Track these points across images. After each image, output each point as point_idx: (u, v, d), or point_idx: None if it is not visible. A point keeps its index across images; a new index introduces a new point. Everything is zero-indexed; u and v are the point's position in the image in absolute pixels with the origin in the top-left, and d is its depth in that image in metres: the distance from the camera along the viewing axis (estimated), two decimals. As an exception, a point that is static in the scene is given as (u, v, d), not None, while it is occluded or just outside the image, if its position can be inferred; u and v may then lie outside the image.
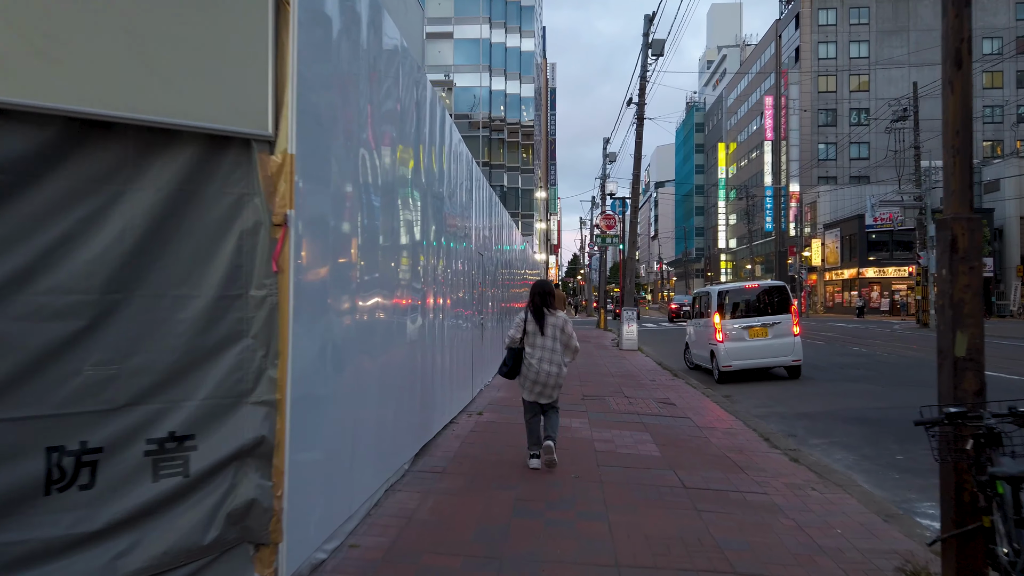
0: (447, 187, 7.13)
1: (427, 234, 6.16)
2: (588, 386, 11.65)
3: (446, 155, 7.01)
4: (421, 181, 5.82)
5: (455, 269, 7.93)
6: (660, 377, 13.33)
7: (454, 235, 7.67)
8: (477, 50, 55.76)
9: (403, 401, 5.37)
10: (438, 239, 6.76)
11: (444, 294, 7.08)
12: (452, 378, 7.61)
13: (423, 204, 5.89)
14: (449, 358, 7.39)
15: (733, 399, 10.95)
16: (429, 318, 6.29)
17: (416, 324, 5.70)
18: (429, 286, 6.29)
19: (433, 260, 6.56)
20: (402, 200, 5.17)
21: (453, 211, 7.54)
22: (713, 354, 14.24)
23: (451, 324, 7.63)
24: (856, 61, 68.13)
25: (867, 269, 55.18)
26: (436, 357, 6.69)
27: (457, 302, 8.10)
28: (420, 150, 5.74)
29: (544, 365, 5.95)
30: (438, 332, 6.75)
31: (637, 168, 21.09)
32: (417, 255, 5.73)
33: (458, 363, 8.06)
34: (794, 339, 14.15)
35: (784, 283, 15.56)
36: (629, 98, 20.93)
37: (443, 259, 7.08)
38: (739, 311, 14.52)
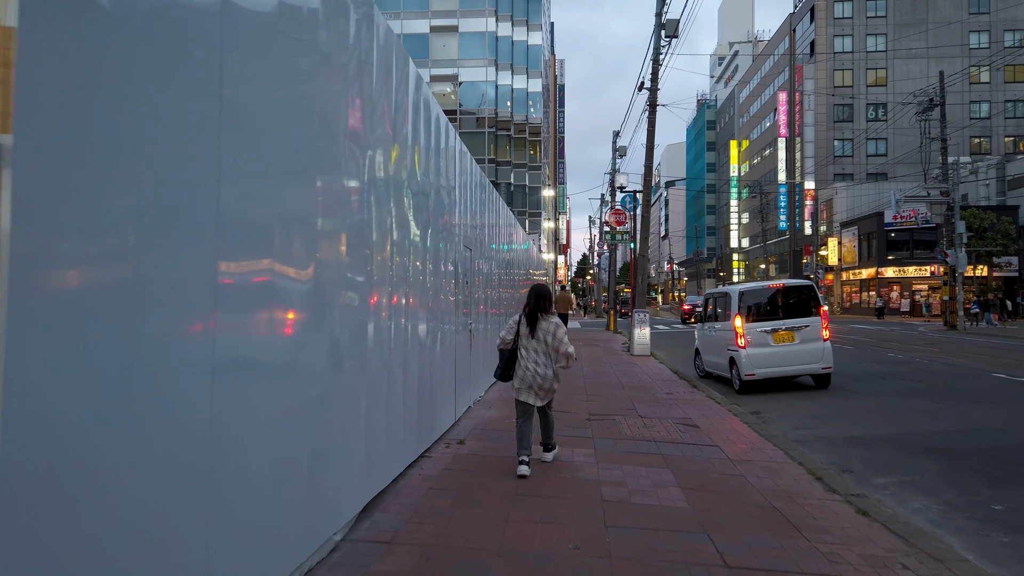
0: (412, 171, 5.59)
1: (382, 224, 4.63)
2: (595, 401, 10.09)
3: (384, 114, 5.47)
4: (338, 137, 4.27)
5: (433, 267, 6.40)
6: (677, 389, 11.75)
7: (428, 227, 6.13)
8: (483, 44, 54.25)
9: (334, 442, 3.84)
10: (402, 231, 5.23)
11: (411, 294, 5.55)
12: (423, 400, 6.08)
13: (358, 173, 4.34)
14: (418, 374, 5.86)
15: (764, 417, 9.38)
16: (381, 325, 4.76)
17: (353, 334, 4.17)
18: (383, 284, 4.77)
19: (400, 256, 5.06)
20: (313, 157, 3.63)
21: (428, 202, 6.01)
22: (733, 361, 12.72)
23: (424, 330, 6.10)
24: (873, 54, 66.24)
25: (886, 269, 53.33)
26: (396, 375, 5.16)
27: (436, 304, 6.56)
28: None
29: (537, 368, 5.97)
30: (398, 342, 5.21)
31: (649, 158, 19.50)
32: (359, 243, 4.21)
33: (434, 379, 6.52)
34: (824, 344, 12.62)
35: (811, 282, 13.94)
36: (641, 82, 19.34)
37: (414, 254, 5.56)
38: (762, 313, 12.94)
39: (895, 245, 53.12)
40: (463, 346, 8.31)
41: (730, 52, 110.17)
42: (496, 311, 11.89)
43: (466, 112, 54.64)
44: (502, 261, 12.92)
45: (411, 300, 5.46)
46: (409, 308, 5.48)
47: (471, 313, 9.00)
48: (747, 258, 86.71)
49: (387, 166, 4.84)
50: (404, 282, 5.30)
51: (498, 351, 6.24)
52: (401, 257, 5.27)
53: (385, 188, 4.78)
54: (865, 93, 66.46)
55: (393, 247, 5.03)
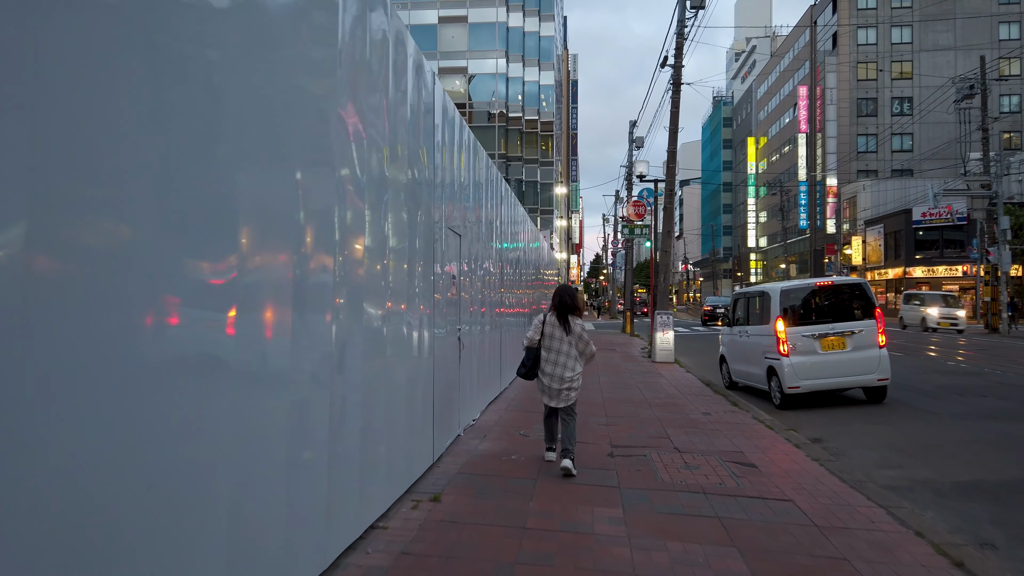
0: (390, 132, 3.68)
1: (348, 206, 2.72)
2: (618, 425, 8.15)
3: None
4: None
5: (404, 254, 4.49)
6: (714, 407, 9.78)
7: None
8: (493, 35, 52.34)
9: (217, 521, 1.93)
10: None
11: (349, 289, 3.64)
12: (372, 446, 4.16)
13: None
14: (364, 405, 3.95)
15: (830, 448, 7.42)
16: (323, 337, 2.85)
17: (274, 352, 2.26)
18: (339, 284, 2.86)
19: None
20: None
21: (407, 173, 4.09)
22: (772, 371, 10.86)
23: (381, 340, 4.20)
24: (898, 47, 63.80)
25: (914, 268, 50.98)
26: (314, 415, 3.25)
27: (404, 304, 4.66)
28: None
29: (558, 370, 5.96)
30: (317, 362, 3.30)
31: (673, 143, 17.52)
32: (299, 230, 2.30)
33: (395, 411, 4.61)
34: (879, 352, 10.76)
35: (863, 280, 11.97)
36: (664, 58, 17.35)
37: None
38: (807, 316, 11.04)
39: (923, 244, 50.87)
40: (448, 359, 6.40)
41: (747, 47, 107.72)
42: (500, 311, 9.97)
43: (476, 106, 52.74)
44: (511, 259, 11.03)
45: (338, 300, 3.52)
46: (341, 311, 3.56)
47: (463, 315, 7.09)
48: (765, 258, 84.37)
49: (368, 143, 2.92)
50: (323, 270, 3.37)
51: (524, 350, 6.20)
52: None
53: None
54: (890, 86, 64.08)
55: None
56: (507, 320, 11.30)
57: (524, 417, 8.60)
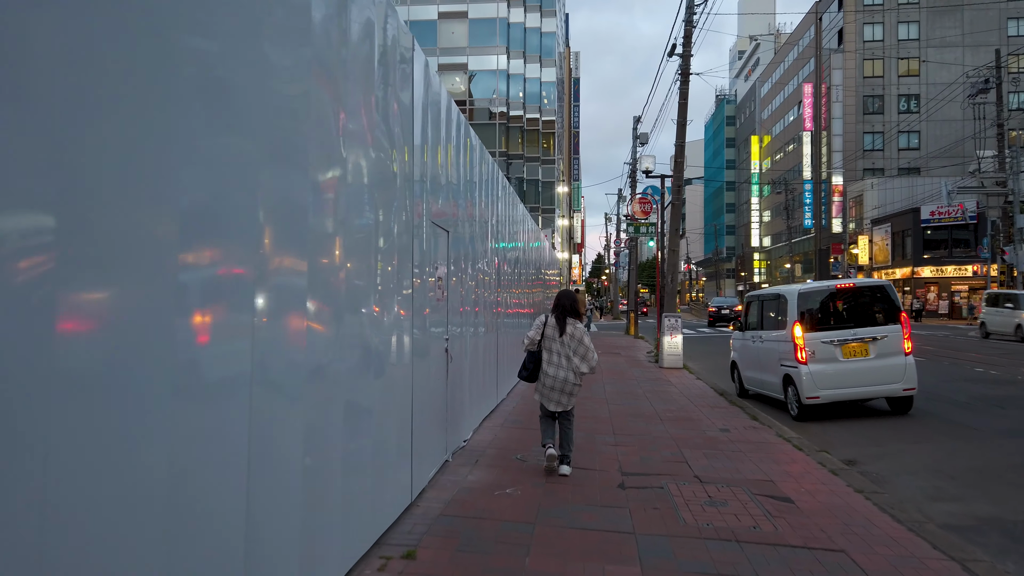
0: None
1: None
2: (628, 445, 7.23)
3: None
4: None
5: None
6: (732, 421, 8.87)
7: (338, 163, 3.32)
8: (494, 31, 51.42)
9: None
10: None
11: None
12: (334, 483, 3.25)
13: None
14: (333, 438, 3.05)
15: (869, 473, 6.51)
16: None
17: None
18: (261, 282, 1.96)
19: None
20: None
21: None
22: (789, 380, 10.01)
23: (345, 352, 3.30)
24: (905, 43, 62.76)
25: (922, 268, 50.00)
26: (260, 454, 2.35)
27: (378, 312, 3.76)
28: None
29: (561, 372, 5.91)
30: (273, 377, 2.40)
31: (681, 136, 16.60)
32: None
33: (361, 442, 3.71)
34: (905, 359, 9.89)
35: (887, 282, 11.09)
36: (672, 46, 16.42)
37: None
38: (826, 320, 10.20)
39: (932, 244, 49.92)
40: (433, 372, 5.49)
41: (751, 46, 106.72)
42: (497, 311, 9.07)
43: (476, 103, 51.82)
44: (508, 258, 10.13)
45: (261, 302, 2.60)
46: (264, 315, 2.65)
47: (452, 321, 6.19)
48: (769, 257, 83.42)
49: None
50: (232, 260, 2.45)
51: (526, 352, 6.16)
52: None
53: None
54: (896, 84, 63.10)
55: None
56: (505, 323, 10.39)
57: (522, 435, 7.69)
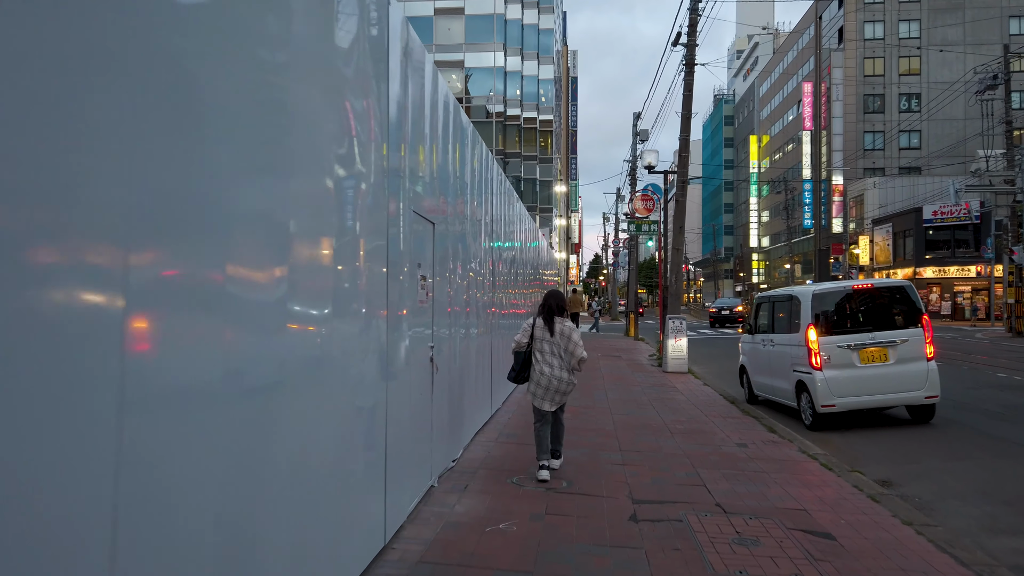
0: None
1: None
2: (637, 465, 6.46)
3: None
4: None
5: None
6: (748, 434, 8.10)
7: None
8: (491, 27, 50.63)
9: None
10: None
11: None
12: (274, 534, 2.48)
13: None
14: (272, 480, 2.28)
15: (911, 498, 5.77)
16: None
17: None
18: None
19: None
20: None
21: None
22: (803, 386, 9.35)
23: (291, 368, 2.53)
24: (906, 41, 62.07)
25: (924, 269, 49.30)
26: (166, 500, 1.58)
27: (338, 319, 3.01)
28: None
29: (555, 371, 5.94)
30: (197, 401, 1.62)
31: (686, 130, 15.84)
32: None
33: (315, 479, 2.94)
34: (927, 365, 9.24)
35: (908, 283, 10.37)
36: (676, 35, 15.65)
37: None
38: (842, 323, 9.52)
39: (934, 244, 49.28)
40: (415, 385, 4.71)
41: (749, 45, 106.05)
42: (494, 310, 8.30)
43: (473, 100, 51.01)
44: (507, 259, 9.36)
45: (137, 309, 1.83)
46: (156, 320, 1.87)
47: (439, 325, 5.42)
48: (768, 258, 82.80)
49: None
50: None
51: (513, 354, 6.20)
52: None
53: None
54: (897, 82, 62.44)
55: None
56: (501, 324, 9.63)
57: (518, 452, 6.92)
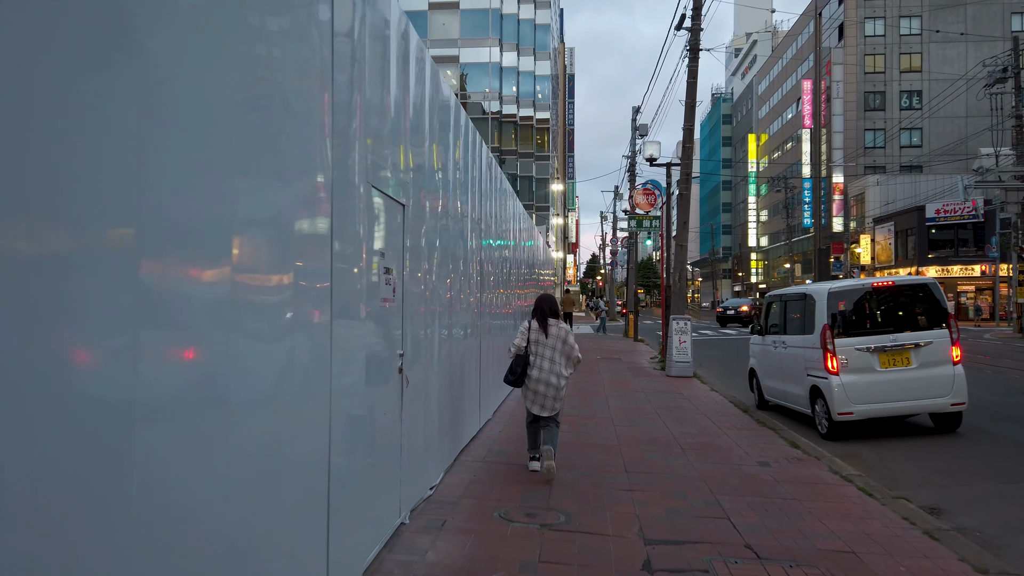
0: None
1: None
2: (647, 490, 5.55)
3: None
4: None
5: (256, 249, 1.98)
6: (769, 450, 7.20)
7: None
8: (486, 22, 49.72)
9: None
10: None
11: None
12: None
13: None
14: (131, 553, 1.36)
15: (967, 529, 4.89)
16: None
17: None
18: None
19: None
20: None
21: None
22: (818, 392, 8.60)
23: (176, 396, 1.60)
24: (907, 38, 61.36)
25: (927, 268, 48.51)
26: None
27: (254, 326, 2.11)
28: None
29: (548, 376, 5.95)
30: None
31: (691, 119, 14.95)
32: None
33: (220, 542, 2.02)
34: (953, 370, 8.47)
35: (932, 280, 9.55)
36: (681, 17, 14.73)
37: None
38: (860, 324, 8.71)
39: (936, 243, 48.60)
40: (377, 404, 3.80)
41: (747, 43, 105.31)
42: (482, 309, 7.38)
43: (469, 96, 50.09)
44: (496, 257, 8.45)
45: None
46: None
47: (411, 330, 4.50)
48: (766, 257, 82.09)
49: None
50: None
51: (512, 357, 6.14)
52: None
53: None
54: (898, 79, 61.71)
55: None
56: (493, 326, 8.73)
57: (509, 473, 6.00)
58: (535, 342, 6.00)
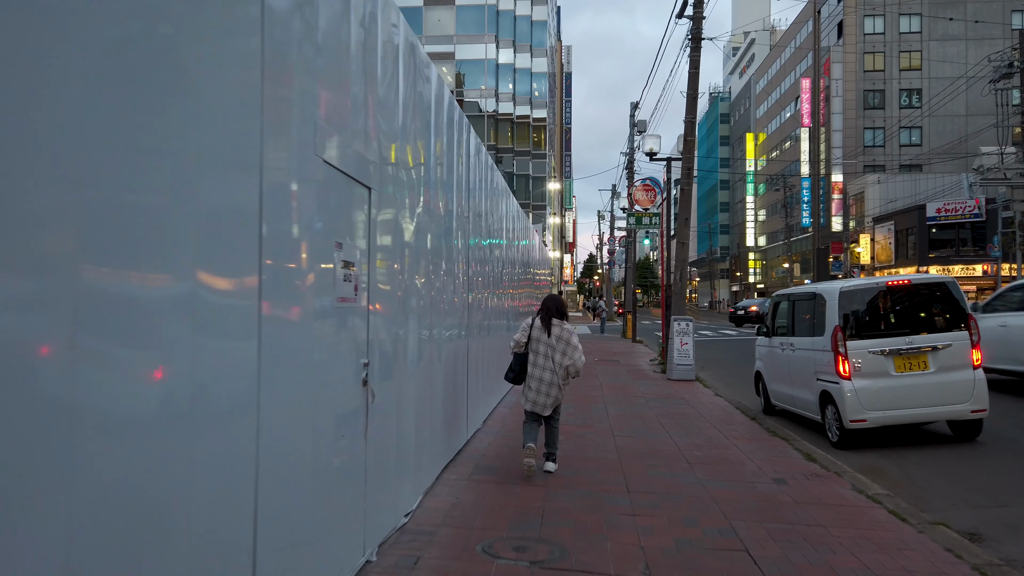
0: None
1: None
2: (652, 515, 4.91)
3: None
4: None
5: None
6: (784, 464, 6.56)
7: None
8: (482, 18, 49.07)
9: None
10: None
11: None
12: None
13: None
14: None
15: (1013, 558, 4.25)
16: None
17: None
18: None
19: None
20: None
21: None
22: (828, 398, 8.07)
23: None
24: (907, 36, 60.86)
25: (928, 268, 47.98)
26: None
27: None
28: None
29: (546, 375, 5.92)
30: None
31: (692, 112, 14.32)
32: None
33: None
34: (973, 374, 7.93)
35: (951, 279, 8.98)
36: (682, 5, 14.07)
37: None
38: (874, 326, 8.14)
39: (937, 242, 48.11)
40: (330, 426, 3.15)
41: (745, 42, 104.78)
42: (469, 300, 6.74)
43: (464, 94, 49.44)
44: (481, 257, 7.82)
45: None
46: None
47: (380, 335, 3.85)
48: (764, 257, 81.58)
49: None
50: None
51: (512, 355, 6.15)
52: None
53: None
54: (898, 78, 61.22)
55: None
56: (484, 326, 8.09)
57: (497, 494, 5.35)
58: (536, 340, 5.97)
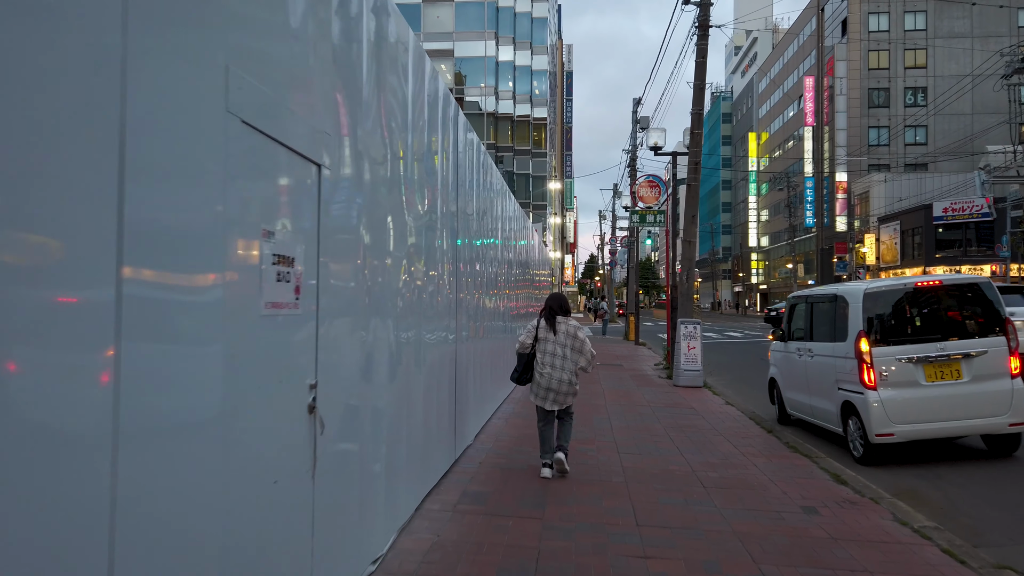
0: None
1: None
2: (665, 556, 4.16)
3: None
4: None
5: None
6: (813, 490, 5.81)
7: None
8: (481, 15, 48.35)
9: None
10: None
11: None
12: None
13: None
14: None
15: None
16: None
17: None
18: None
19: None
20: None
21: None
22: (851, 409, 7.38)
23: None
24: (912, 34, 60.13)
25: (935, 268, 47.25)
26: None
27: None
28: None
29: (556, 372, 5.97)
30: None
31: (699, 103, 13.60)
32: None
33: None
34: (1012, 383, 7.22)
35: (985, 279, 8.22)
36: (689, -10, 13.34)
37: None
38: (901, 330, 7.46)
39: (944, 243, 47.41)
40: (261, 471, 2.41)
41: (747, 40, 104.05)
42: (458, 316, 6.01)
43: (465, 92, 48.71)
44: (477, 252, 7.10)
45: None
46: None
47: (336, 350, 3.11)
48: (767, 258, 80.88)
49: None
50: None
51: (517, 355, 6.21)
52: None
53: None
54: (903, 76, 60.49)
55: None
56: (478, 329, 7.35)
57: (485, 529, 4.60)
58: (543, 339, 6.04)
